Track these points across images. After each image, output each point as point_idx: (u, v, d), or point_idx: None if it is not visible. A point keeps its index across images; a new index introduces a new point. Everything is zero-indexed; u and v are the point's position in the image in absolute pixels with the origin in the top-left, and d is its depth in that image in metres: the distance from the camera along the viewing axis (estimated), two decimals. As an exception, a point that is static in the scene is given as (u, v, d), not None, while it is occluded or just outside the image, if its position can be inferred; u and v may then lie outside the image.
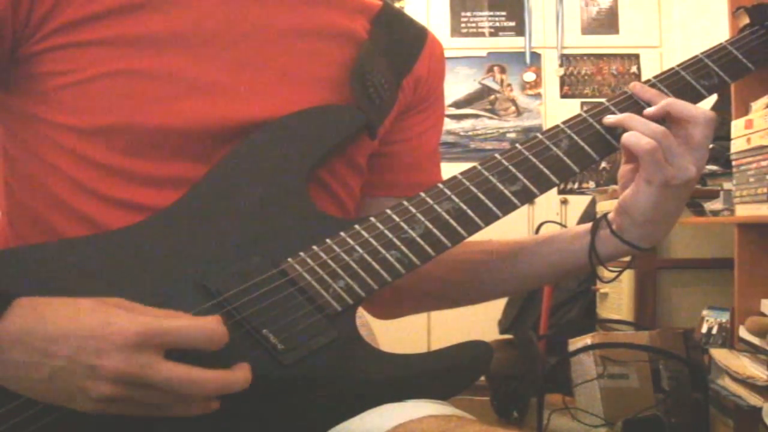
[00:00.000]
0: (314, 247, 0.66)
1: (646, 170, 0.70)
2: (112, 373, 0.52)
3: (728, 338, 1.90)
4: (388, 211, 0.69)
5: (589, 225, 0.79)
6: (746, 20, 0.81)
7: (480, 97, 3.54)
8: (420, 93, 0.85)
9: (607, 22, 3.55)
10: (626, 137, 0.71)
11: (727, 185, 1.95)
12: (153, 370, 0.53)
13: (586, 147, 0.74)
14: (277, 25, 0.75)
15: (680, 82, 0.77)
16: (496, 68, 3.55)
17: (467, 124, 3.53)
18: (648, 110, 0.73)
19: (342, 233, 0.67)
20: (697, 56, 0.79)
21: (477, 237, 0.72)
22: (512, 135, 3.51)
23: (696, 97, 0.77)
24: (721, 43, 0.80)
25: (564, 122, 0.75)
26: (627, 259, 0.79)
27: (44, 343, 0.53)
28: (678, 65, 0.78)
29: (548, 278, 0.85)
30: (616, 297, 2.35)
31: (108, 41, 0.69)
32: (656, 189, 0.71)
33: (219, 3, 0.73)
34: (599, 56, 3.53)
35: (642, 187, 0.72)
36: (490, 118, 3.54)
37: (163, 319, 0.55)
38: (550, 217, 3.03)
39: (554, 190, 0.73)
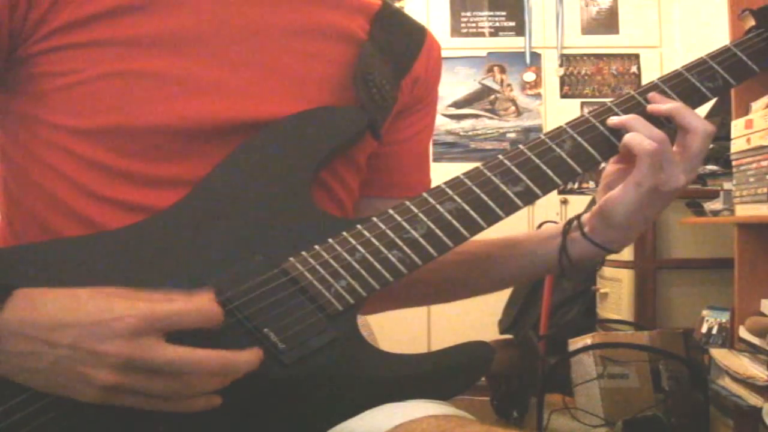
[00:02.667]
0: (316, 247, 0.66)
1: (640, 172, 0.71)
2: (114, 357, 0.52)
3: (728, 338, 1.90)
4: (390, 211, 0.69)
5: (561, 226, 0.80)
6: (752, 22, 0.81)
7: (480, 97, 3.54)
8: (417, 93, 0.86)
9: (607, 22, 3.55)
10: (629, 137, 0.71)
11: (727, 185, 1.95)
12: (155, 353, 0.53)
13: (590, 148, 0.74)
14: (275, 25, 0.75)
15: (684, 83, 0.77)
16: (496, 68, 3.55)
17: (467, 124, 3.53)
18: (652, 106, 0.74)
19: (344, 233, 0.67)
20: (701, 58, 0.79)
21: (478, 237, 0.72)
22: (512, 135, 3.51)
23: (700, 99, 0.77)
24: (725, 45, 0.80)
25: (567, 123, 0.75)
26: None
27: (45, 332, 0.53)
28: (682, 67, 0.78)
29: (520, 279, 0.87)
30: (616, 297, 2.35)
31: (105, 42, 0.68)
32: (644, 193, 0.71)
33: (217, 3, 0.73)
34: (599, 56, 3.53)
35: (630, 190, 0.72)
36: (490, 118, 3.54)
37: (161, 304, 0.55)
38: (550, 217, 3.03)
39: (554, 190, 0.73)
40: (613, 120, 0.74)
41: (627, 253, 2.24)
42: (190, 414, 0.56)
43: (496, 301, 2.81)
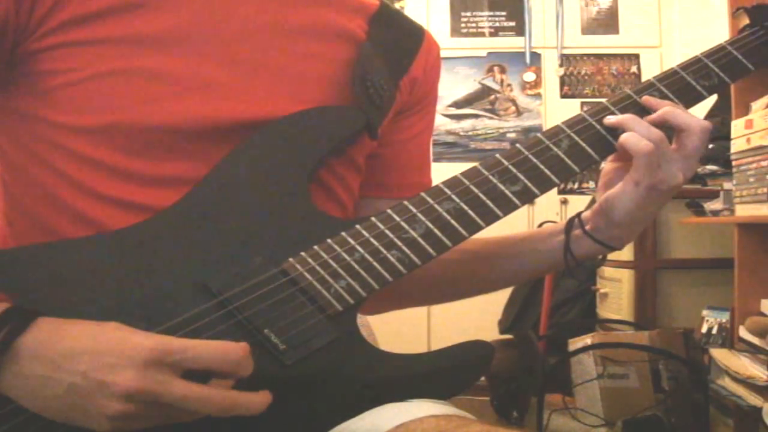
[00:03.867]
0: (315, 247, 0.66)
1: (637, 172, 0.71)
2: (125, 390, 0.52)
3: (728, 338, 1.90)
4: (389, 211, 0.69)
5: (562, 224, 0.80)
6: (746, 21, 0.82)
7: (480, 97, 3.54)
8: (416, 93, 0.86)
9: (607, 22, 3.55)
10: (625, 137, 0.72)
11: (727, 185, 1.95)
12: (166, 388, 0.52)
13: (587, 147, 0.74)
14: (274, 25, 0.75)
15: (680, 82, 0.77)
16: (496, 68, 3.55)
17: (467, 124, 3.53)
18: (648, 117, 0.74)
19: (343, 233, 0.67)
20: (696, 57, 0.79)
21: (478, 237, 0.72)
22: (512, 135, 3.51)
23: (696, 98, 0.77)
24: (720, 44, 0.80)
25: (564, 122, 0.75)
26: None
27: (61, 358, 0.53)
28: (678, 65, 0.78)
29: (523, 277, 0.87)
30: (616, 297, 2.35)
31: (107, 40, 0.69)
32: (642, 191, 0.71)
33: (217, 2, 0.73)
34: (599, 56, 3.53)
35: (629, 188, 0.72)
36: (490, 118, 3.54)
37: (180, 338, 0.55)
38: (550, 217, 3.03)
39: (554, 190, 0.73)
40: (609, 119, 0.74)
41: (627, 253, 2.24)
42: None
43: (496, 301, 2.81)
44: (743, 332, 1.78)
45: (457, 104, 3.53)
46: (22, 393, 0.54)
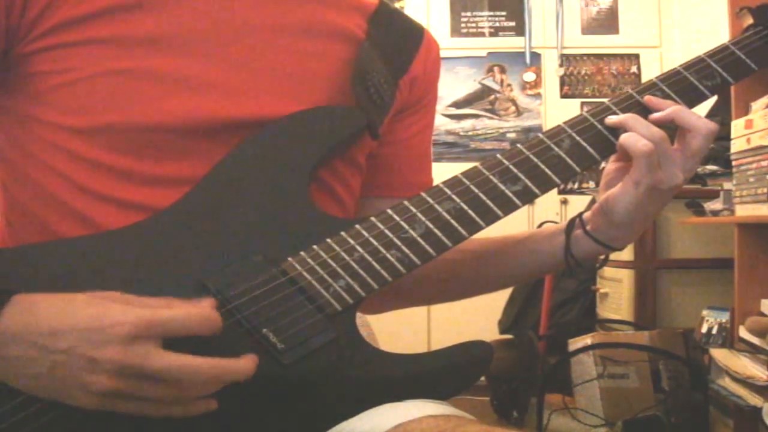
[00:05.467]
0: (315, 247, 0.66)
1: (637, 172, 0.71)
2: (111, 364, 0.52)
3: (728, 338, 1.90)
4: (389, 211, 0.69)
5: (563, 225, 0.80)
6: (750, 20, 0.81)
7: (480, 97, 3.54)
8: (415, 93, 0.85)
9: (607, 22, 3.55)
10: (624, 137, 0.71)
11: (727, 185, 1.95)
12: (150, 360, 0.53)
13: (588, 147, 0.73)
14: (273, 24, 0.75)
15: (683, 82, 0.77)
16: (496, 68, 3.55)
17: (467, 124, 3.53)
18: (654, 115, 0.74)
19: (342, 233, 0.67)
20: (699, 56, 0.78)
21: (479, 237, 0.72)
22: (512, 135, 3.51)
23: (698, 98, 0.77)
24: (724, 44, 0.80)
25: (565, 122, 0.75)
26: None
27: (41, 337, 0.53)
28: (681, 65, 0.78)
29: (523, 277, 0.87)
30: (616, 297, 2.35)
31: (102, 41, 0.68)
32: (642, 191, 0.71)
33: (214, 2, 0.73)
34: (599, 56, 3.53)
35: (629, 188, 0.72)
36: (490, 118, 3.54)
37: (157, 310, 0.55)
38: (550, 217, 3.03)
39: (554, 190, 0.73)
40: (611, 119, 0.74)
41: (627, 253, 2.24)
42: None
43: (496, 301, 2.81)
44: (743, 332, 1.77)
45: (457, 104, 3.53)
46: (8, 374, 0.55)
